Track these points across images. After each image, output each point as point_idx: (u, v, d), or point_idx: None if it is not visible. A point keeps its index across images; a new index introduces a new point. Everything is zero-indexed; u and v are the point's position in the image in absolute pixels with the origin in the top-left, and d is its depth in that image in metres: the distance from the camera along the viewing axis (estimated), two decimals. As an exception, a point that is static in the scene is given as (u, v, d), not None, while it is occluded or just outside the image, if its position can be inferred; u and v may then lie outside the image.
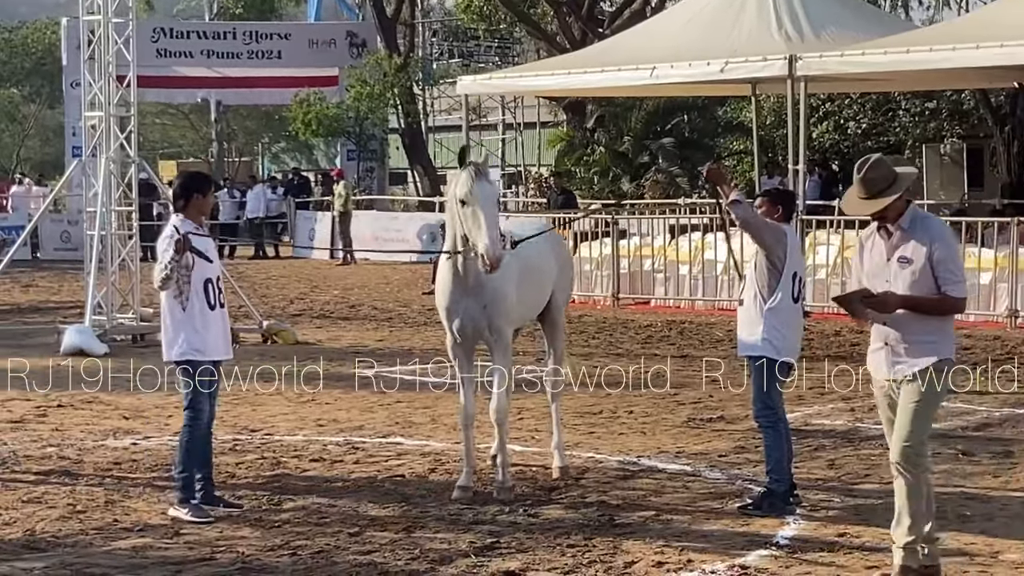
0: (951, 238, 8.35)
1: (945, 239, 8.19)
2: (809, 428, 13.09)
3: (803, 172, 23.76)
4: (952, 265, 8.12)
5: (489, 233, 9.85)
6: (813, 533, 9.23)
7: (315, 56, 45.02)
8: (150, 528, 9.51)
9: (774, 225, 10.02)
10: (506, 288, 10.37)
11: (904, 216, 8.17)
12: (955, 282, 8.10)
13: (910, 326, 8.12)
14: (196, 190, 10.23)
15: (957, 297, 8.14)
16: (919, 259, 8.07)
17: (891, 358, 8.21)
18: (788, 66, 22.54)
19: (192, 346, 9.96)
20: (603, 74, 25.21)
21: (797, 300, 10.02)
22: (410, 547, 8.93)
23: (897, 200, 8.11)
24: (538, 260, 10.96)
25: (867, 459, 11.63)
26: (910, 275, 8.07)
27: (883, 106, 36.95)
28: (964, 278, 8.28)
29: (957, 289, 8.11)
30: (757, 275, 9.99)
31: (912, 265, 8.08)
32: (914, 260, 8.08)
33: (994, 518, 9.64)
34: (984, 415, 13.71)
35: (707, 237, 23.81)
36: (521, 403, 13.93)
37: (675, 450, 11.97)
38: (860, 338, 19.61)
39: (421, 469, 11.35)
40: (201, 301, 9.98)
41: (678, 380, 15.88)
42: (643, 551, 8.82)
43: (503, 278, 10.24)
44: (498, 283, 10.26)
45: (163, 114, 61.13)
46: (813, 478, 10.93)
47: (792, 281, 9.93)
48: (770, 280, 9.92)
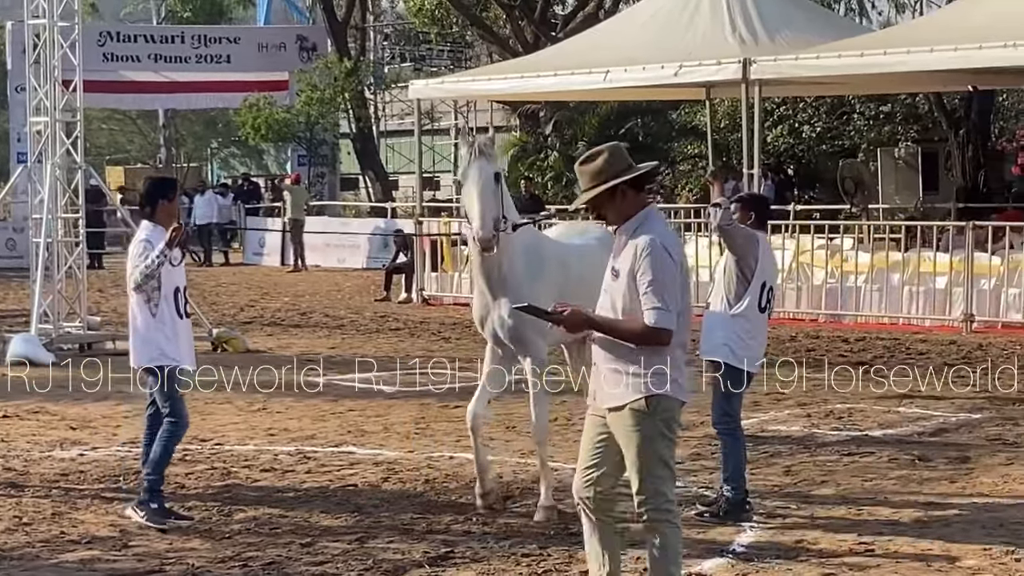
0: (661, 252, 6.90)
1: (653, 252, 6.89)
2: (765, 434, 13.13)
3: (757, 176, 23.86)
4: (653, 286, 6.87)
5: (480, 211, 9.62)
6: (770, 540, 9.25)
7: (264, 60, 44.86)
8: (98, 540, 9.45)
9: (748, 232, 10.02)
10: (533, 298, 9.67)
11: (631, 221, 7.04)
12: (652, 307, 6.87)
13: (611, 352, 7.06)
14: (162, 196, 10.20)
15: (652, 326, 6.89)
16: (624, 272, 7.00)
17: (598, 382, 7.18)
18: (742, 70, 22.63)
19: (164, 352, 9.94)
20: (556, 78, 25.25)
21: (764, 310, 10.04)
22: (363, 557, 8.91)
23: (604, 196, 7.03)
24: (588, 268, 10.26)
25: (823, 466, 11.67)
26: (619, 290, 7.02)
27: (838, 110, 37.11)
28: (669, 305, 6.88)
29: (652, 316, 6.87)
30: (726, 280, 10.00)
31: (619, 279, 7.03)
32: (621, 272, 7.02)
33: (951, 524, 9.68)
34: (941, 420, 13.79)
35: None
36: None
37: (630, 457, 11.95)
38: (816, 343, 19.71)
39: (374, 478, 11.33)
40: (171, 308, 9.99)
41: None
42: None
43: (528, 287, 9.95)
44: (523, 292, 9.87)
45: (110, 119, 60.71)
46: (769, 485, 10.96)
47: (761, 290, 9.95)
48: (738, 287, 9.93)
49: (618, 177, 7.00)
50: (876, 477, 11.23)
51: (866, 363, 17.74)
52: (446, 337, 21.15)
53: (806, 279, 22.74)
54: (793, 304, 22.71)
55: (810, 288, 22.60)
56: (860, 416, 14.04)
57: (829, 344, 19.69)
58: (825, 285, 22.37)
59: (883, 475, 11.29)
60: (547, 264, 10.27)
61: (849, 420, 13.86)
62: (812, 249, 22.78)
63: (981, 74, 25.32)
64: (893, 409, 14.41)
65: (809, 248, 22.83)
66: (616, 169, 7.02)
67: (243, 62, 44.77)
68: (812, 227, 23.44)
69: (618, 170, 7.02)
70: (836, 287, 22.31)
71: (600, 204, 7.09)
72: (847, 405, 14.63)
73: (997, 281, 20.97)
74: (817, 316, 22.39)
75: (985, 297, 21.00)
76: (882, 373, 16.85)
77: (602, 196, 7.05)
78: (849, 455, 12.09)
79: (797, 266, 22.75)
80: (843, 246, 22.97)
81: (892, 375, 16.65)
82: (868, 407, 14.51)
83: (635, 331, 6.93)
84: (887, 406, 14.59)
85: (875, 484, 10.99)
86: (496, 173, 9.89)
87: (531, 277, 10.06)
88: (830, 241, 23.02)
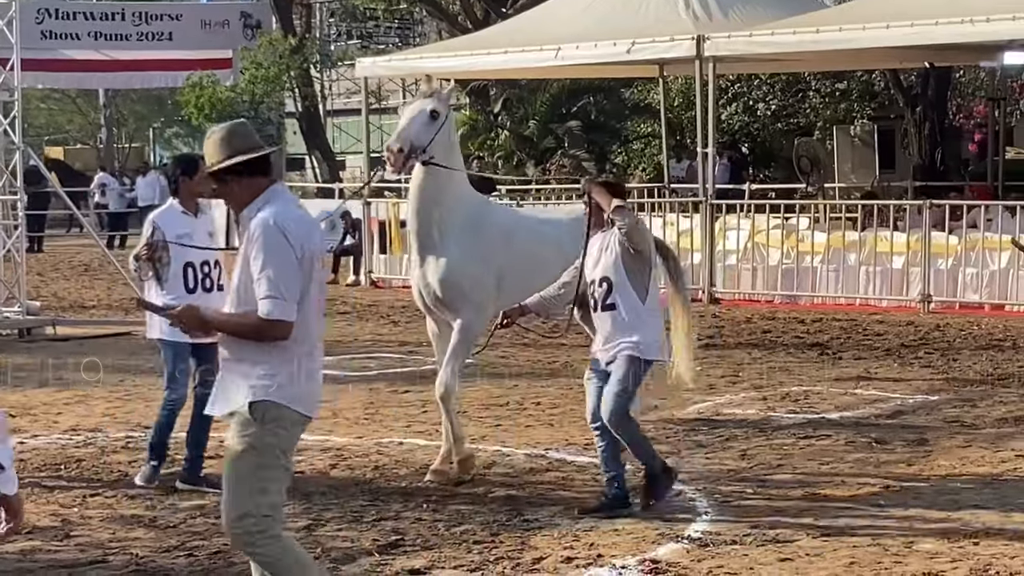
0: (274, 233, 6.29)
1: (264, 234, 6.30)
2: (720, 418, 13.17)
3: (712, 155, 23.93)
4: (265, 272, 6.25)
5: (399, 130, 10.10)
6: (725, 526, 9.27)
7: (208, 38, 44.55)
8: (39, 530, 9.39)
9: (646, 228, 10.08)
10: (464, 265, 10.15)
11: (251, 205, 6.44)
12: (265, 296, 6.23)
13: (234, 351, 6.45)
14: (183, 173, 10.56)
15: (264, 317, 6.23)
16: (241, 259, 6.46)
17: (221, 385, 6.52)
18: (696, 46, 22.68)
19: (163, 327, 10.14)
20: (506, 55, 25.23)
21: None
22: (311, 545, 8.88)
23: (218, 183, 6.55)
24: (541, 245, 10.57)
25: (780, 449, 11.71)
26: (242, 280, 6.43)
27: (793, 87, 37.22)
28: (285, 293, 6.23)
29: (265, 306, 6.23)
30: (631, 279, 9.66)
31: (241, 267, 6.46)
32: (239, 260, 6.48)
33: (909, 507, 9.73)
34: (898, 402, 13.85)
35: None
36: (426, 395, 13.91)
37: (584, 442, 11.97)
38: (772, 325, 19.78)
39: (322, 465, 11.31)
40: (180, 284, 10.40)
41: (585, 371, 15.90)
42: (551, 546, 8.82)
43: (460, 253, 10.14)
44: (452, 260, 10.10)
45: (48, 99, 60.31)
46: (725, 469, 10.99)
47: (653, 282, 9.87)
48: (645, 280, 9.72)
49: (223, 163, 6.45)
50: (833, 460, 11.27)
51: (822, 344, 17.82)
52: (395, 320, 21.12)
53: (761, 259, 22.81)
54: (748, 285, 22.78)
55: (766, 269, 22.68)
56: (817, 399, 14.10)
57: (785, 325, 19.76)
58: (781, 266, 22.44)
59: (840, 458, 11.34)
60: (486, 233, 10.29)
61: (805, 403, 13.91)
62: (767, 229, 22.86)
63: (938, 51, 25.46)
64: (850, 391, 14.48)
65: (764, 228, 22.90)
66: (225, 154, 6.47)
67: (186, 40, 44.46)
68: (767, 207, 23.50)
69: (226, 155, 6.47)
70: (792, 268, 22.39)
71: (219, 192, 6.58)
72: (803, 387, 14.69)
73: (955, 261, 21.09)
74: (773, 297, 22.47)
75: (943, 277, 21.11)
76: (839, 355, 16.92)
77: (218, 183, 6.53)
78: (806, 438, 12.13)
79: (752, 246, 22.82)
80: (799, 226, 23.07)
81: (849, 357, 16.73)
82: (825, 389, 14.57)
83: (249, 325, 6.30)
84: (844, 388, 14.65)
85: (832, 467, 11.03)
86: (434, 110, 10.17)
87: (465, 244, 10.06)
88: (786, 221, 23.10)
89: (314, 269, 6.42)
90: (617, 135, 39.47)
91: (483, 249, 10.26)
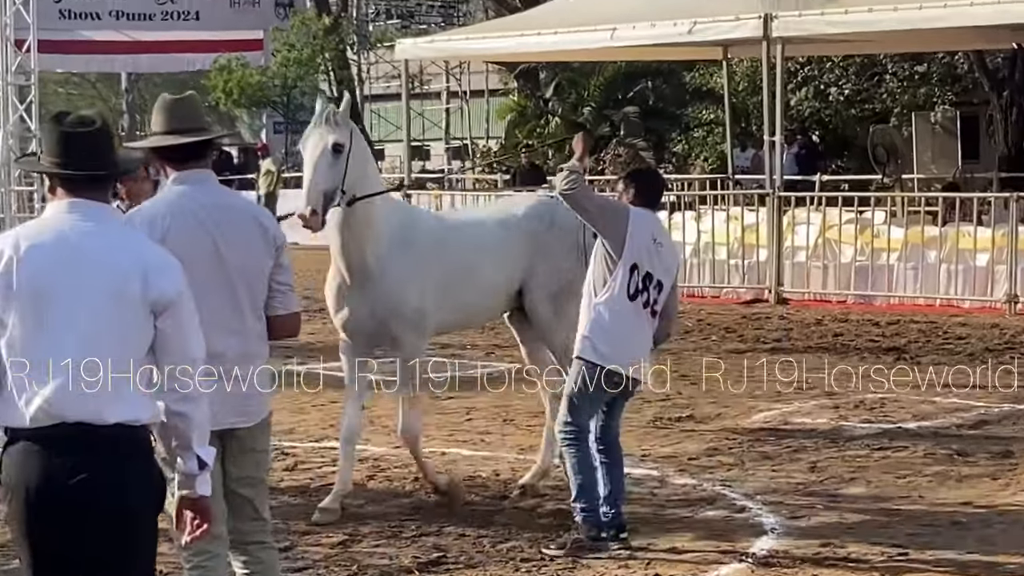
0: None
1: None
2: (788, 427, 13.14)
3: (780, 144, 23.85)
4: None
5: (306, 184, 9.65)
6: (793, 544, 9.26)
7: (237, 17, 44.70)
8: None
9: (610, 203, 9.64)
10: (399, 290, 9.91)
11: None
12: None
13: None
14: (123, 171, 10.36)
15: None
16: None
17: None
18: (763, 26, 22.60)
19: None
20: (558, 36, 25.20)
21: (635, 298, 9.27)
22: (347, 563, 8.92)
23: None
24: (476, 253, 10.48)
25: (852, 461, 11.68)
26: None
27: (868, 70, 37.08)
28: None
29: None
30: (595, 264, 9.39)
31: None
32: None
33: (992, 525, 9.70)
34: (981, 411, 13.79)
35: (674, 216, 23.84)
36: (470, 402, 13.95)
37: (640, 453, 11.99)
38: (844, 327, 19.73)
39: (358, 476, 11.33)
40: None
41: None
42: (605, 565, 8.83)
43: (393, 276, 9.87)
44: (390, 284, 9.87)
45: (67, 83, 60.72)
46: (793, 483, 10.97)
47: (630, 273, 9.24)
48: (604, 270, 9.31)
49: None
50: (910, 474, 11.24)
51: (899, 349, 17.75)
52: (438, 321, 21.13)
53: (833, 257, 22.74)
54: (819, 285, 22.71)
55: (838, 267, 22.60)
56: (893, 407, 14.05)
57: (859, 328, 19.70)
58: (854, 263, 22.36)
59: (918, 471, 11.31)
60: (418, 247, 10.02)
61: (881, 411, 13.87)
62: (840, 224, 22.78)
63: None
64: (929, 399, 14.42)
65: (837, 223, 22.83)
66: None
67: (213, 20, 44.60)
68: (840, 199, 23.43)
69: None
70: (866, 265, 22.31)
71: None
72: (878, 395, 14.64)
73: (1044, 258, 20.96)
74: (846, 298, 22.39)
75: (1031, 276, 20.99)
76: (917, 359, 16.86)
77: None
78: (881, 449, 12.10)
79: (823, 243, 22.75)
80: (874, 220, 22.96)
81: (928, 362, 16.67)
82: (902, 397, 14.52)
83: None
84: (922, 396, 14.60)
85: (909, 481, 11.00)
86: (336, 143, 9.70)
87: (398, 263, 9.87)
88: (860, 215, 23.02)
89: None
90: (677, 122, 39.40)
91: (417, 267, 10.04)
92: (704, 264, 23.62)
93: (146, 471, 5.48)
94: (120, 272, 5.43)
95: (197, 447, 5.66)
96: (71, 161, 5.51)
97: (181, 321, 5.51)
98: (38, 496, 5.30)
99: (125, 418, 5.37)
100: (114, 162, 5.66)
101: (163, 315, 5.47)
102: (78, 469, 5.29)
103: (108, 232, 5.54)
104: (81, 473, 5.28)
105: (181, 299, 5.52)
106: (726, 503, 10.30)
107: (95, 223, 5.49)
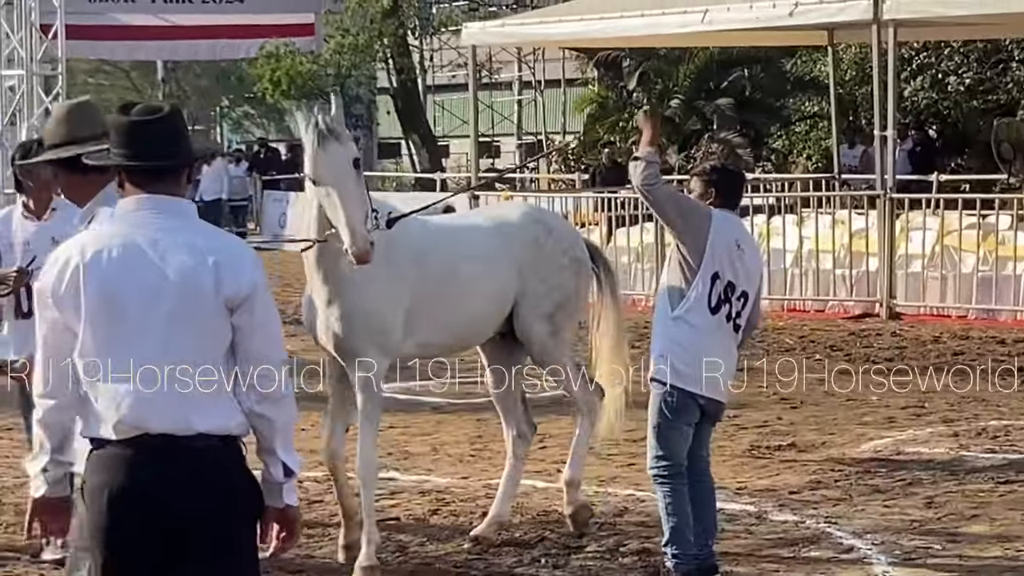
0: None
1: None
2: (902, 458, 13.10)
3: (892, 139, 23.74)
4: None
5: (347, 219, 9.22)
6: (908, 588, 9.24)
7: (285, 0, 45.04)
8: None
9: (690, 202, 9.43)
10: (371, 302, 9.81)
11: (85, 208, 6.89)
12: None
13: None
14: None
15: None
16: None
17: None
18: (873, 8, 22.51)
19: None
20: (643, 19, 25.21)
21: (717, 310, 9.20)
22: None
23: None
24: (460, 265, 10.37)
25: (974, 496, 11.63)
26: None
27: (992, 57, 36.93)
28: None
29: None
30: (669, 272, 9.35)
31: None
32: None
33: None
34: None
35: (773, 221, 23.79)
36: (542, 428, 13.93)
37: (735, 485, 11.98)
38: (965, 345, 19.62)
39: (420, 510, 11.37)
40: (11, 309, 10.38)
41: (739, 398, 15.84)
42: (696, 611, 8.82)
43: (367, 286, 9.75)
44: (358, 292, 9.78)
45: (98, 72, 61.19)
46: (907, 520, 10.94)
47: (711, 283, 9.15)
48: (681, 280, 9.23)
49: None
50: (1039, 510, 11.19)
51: (1027, 370, 17.67)
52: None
53: (953, 266, 22.63)
54: (937, 297, 22.60)
55: (958, 277, 22.49)
56: (1019, 435, 13.98)
57: (981, 346, 19.61)
58: (976, 273, 22.25)
59: (1048, 508, 11.26)
60: (394, 259, 9.92)
61: (1006, 440, 13.80)
62: (960, 229, 22.67)
63: None
64: (1060, 427, 14.35)
65: (956, 228, 22.72)
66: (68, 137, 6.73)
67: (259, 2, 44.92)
68: (960, 202, 23.32)
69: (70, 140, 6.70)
70: (990, 276, 22.18)
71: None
72: (1004, 422, 14.57)
73: None
74: (966, 312, 22.27)
75: None
76: (1047, 382, 16.77)
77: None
78: (1006, 483, 12.05)
79: (942, 250, 22.64)
80: (998, 225, 22.83)
81: (1059, 385, 16.58)
82: (1029, 424, 14.47)
83: None
84: (1053, 423, 14.53)
85: (1038, 519, 10.96)
86: (356, 160, 9.53)
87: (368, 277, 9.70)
88: (982, 219, 22.90)
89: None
90: (777, 115, 39.35)
91: (389, 280, 9.94)
92: (807, 274, 23.53)
93: (232, 483, 5.61)
94: (191, 270, 5.54)
95: (282, 452, 5.72)
96: (139, 153, 5.62)
97: (257, 316, 5.62)
98: (119, 505, 5.43)
99: (212, 427, 5.50)
100: (187, 151, 5.77)
101: (239, 311, 5.58)
102: (162, 481, 5.43)
103: (178, 228, 5.64)
104: (164, 485, 5.42)
105: (256, 292, 5.62)
106: (831, 542, 10.27)
107: (165, 218, 5.61)
